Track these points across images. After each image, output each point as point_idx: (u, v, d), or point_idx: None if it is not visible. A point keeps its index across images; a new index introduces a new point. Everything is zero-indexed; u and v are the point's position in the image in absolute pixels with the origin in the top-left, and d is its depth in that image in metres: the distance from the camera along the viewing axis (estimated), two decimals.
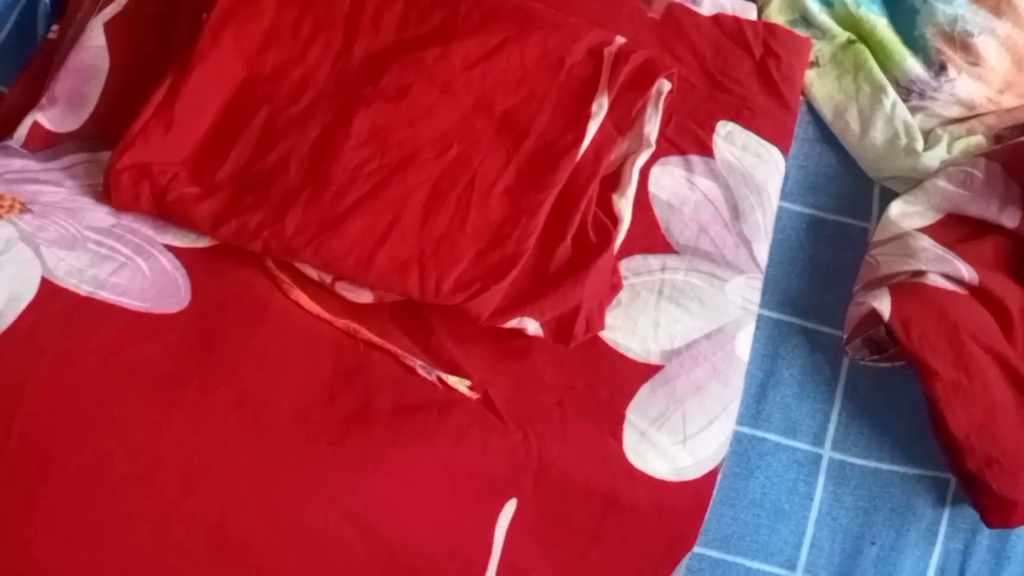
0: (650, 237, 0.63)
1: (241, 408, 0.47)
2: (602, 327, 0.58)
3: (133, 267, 0.52)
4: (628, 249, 0.62)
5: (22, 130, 0.60)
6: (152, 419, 0.45)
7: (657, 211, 0.64)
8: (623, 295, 0.61)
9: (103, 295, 0.49)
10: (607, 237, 0.59)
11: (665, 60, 0.65)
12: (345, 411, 0.49)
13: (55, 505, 0.43)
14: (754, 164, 0.66)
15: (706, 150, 0.66)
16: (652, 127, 0.63)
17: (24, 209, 0.53)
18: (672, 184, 0.65)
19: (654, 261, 0.63)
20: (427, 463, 0.50)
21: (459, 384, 0.54)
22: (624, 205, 0.61)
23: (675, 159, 0.66)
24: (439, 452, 0.50)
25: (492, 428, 0.53)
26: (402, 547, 0.48)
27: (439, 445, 0.50)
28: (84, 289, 0.49)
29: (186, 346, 0.48)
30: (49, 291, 0.48)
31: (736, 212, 0.65)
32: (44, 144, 0.60)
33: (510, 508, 0.53)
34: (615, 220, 0.60)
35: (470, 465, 0.51)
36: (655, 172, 0.65)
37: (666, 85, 0.65)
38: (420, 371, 0.53)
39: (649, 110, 0.63)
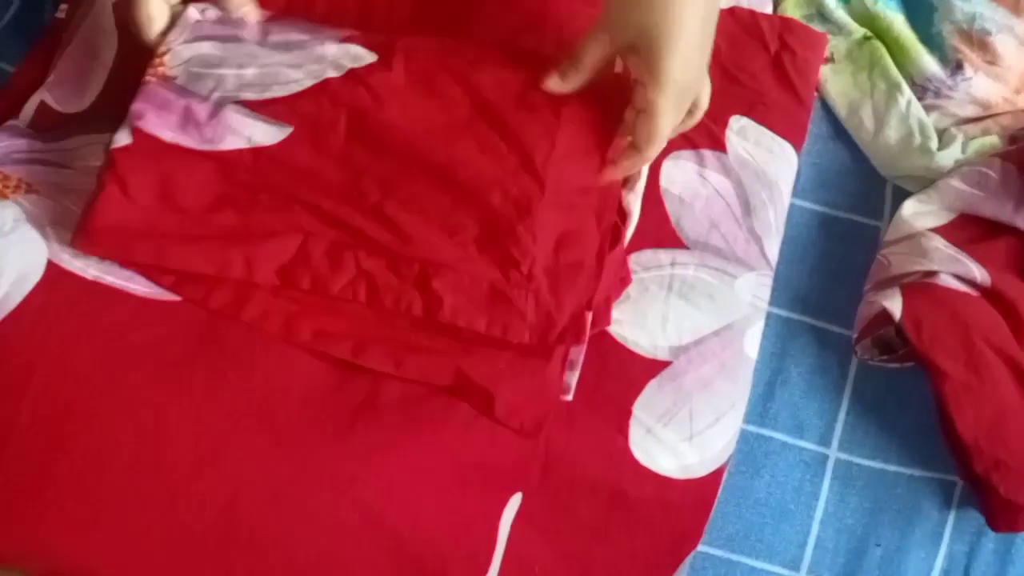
0: (661, 231, 0.63)
1: (249, 393, 0.47)
2: (608, 323, 0.58)
3: None
4: (638, 243, 0.62)
5: (29, 109, 0.60)
6: (160, 401, 0.45)
7: (668, 205, 0.63)
8: (632, 289, 0.60)
9: (110, 280, 0.49)
10: (616, 233, 0.58)
11: None
12: (353, 399, 0.49)
13: (64, 485, 0.42)
14: (767, 159, 0.66)
15: (718, 144, 0.66)
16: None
17: (30, 189, 0.52)
18: (684, 178, 0.64)
19: (664, 256, 0.62)
20: (435, 453, 0.49)
21: None
22: (633, 200, 0.60)
23: (687, 153, 0.65)
24: (447, 442, 0.50)
25: None
26: (409, 535, 0.48)
27: (447, 435, 0.50)
28: (90, 273, 0.48)
29: (194, 331, 0.48)
30: (56, 273, 0.47)
31: (747, 208, 0.64)
32: (50, 124, 0.60)
33: (516, 500, 0.53)
34: (624, 216, 0.60)
35: (477, 456, 0.51)
36: (667, 166, 0.64)
37: None
38: None
39: None
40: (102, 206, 0.49)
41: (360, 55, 0.54)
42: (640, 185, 0.61)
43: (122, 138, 0.52)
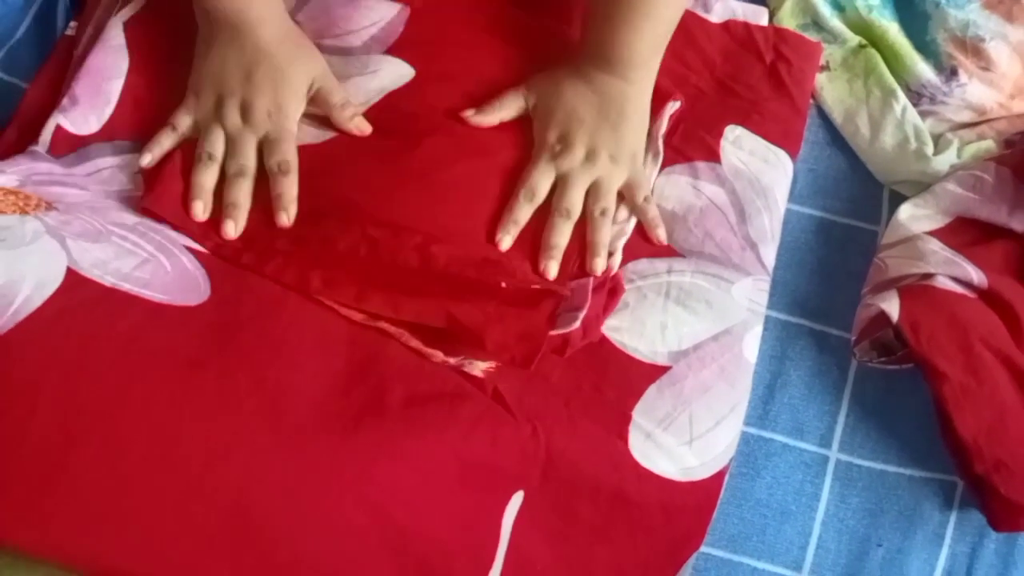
0: (654, 244, 0.64)
1: (259, 394, 0.48)
2: (598, 337, 0.59)
3: (155, 263, 0.53)
4: (634, 254, 0.64)
5: (46, 134, 0.61)
6: (172, 401, 0.46)
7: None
8: (630, 297, 0.62)
9: (126, 287, 0.51)
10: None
11: (660, 91, 0.66)
12: (359, 402, 0.50)
13: (77, 482, 0.44)
14: (761, 168, 0.67)
15: (713, 155, 0.67)
16: (651, 169, 0.66)
17: (50, 208, 0.54)
18: (677, 193, 0.66)
19: (660, 264, 0.63)
20: (438, 453, 0.50)
21: (475, 368, 0.56)
22: (648, 208, 0.64)
23: (680, 167, 0.67)
24: (450, 442, 0.51)
25: (502, 421, 0.54)
26: (414, 533, 0.49)
27: (450, 436, 0.51)
28: (108, 280, 0.50)
29: (206, 335, 0.50)
30: (74, 280, 0.49)
31: (743, 215, 0.65)
32: (68, 148, 0.61)
33: (517, 499, 0.54)
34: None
35: (480, 456, 0.52)
36: (659, 183, 0.66)
37: (673, 107, 0.66)
38: (438, 358, 0.55)
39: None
40: (166, 182, 0.59)
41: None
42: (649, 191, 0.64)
43: None
